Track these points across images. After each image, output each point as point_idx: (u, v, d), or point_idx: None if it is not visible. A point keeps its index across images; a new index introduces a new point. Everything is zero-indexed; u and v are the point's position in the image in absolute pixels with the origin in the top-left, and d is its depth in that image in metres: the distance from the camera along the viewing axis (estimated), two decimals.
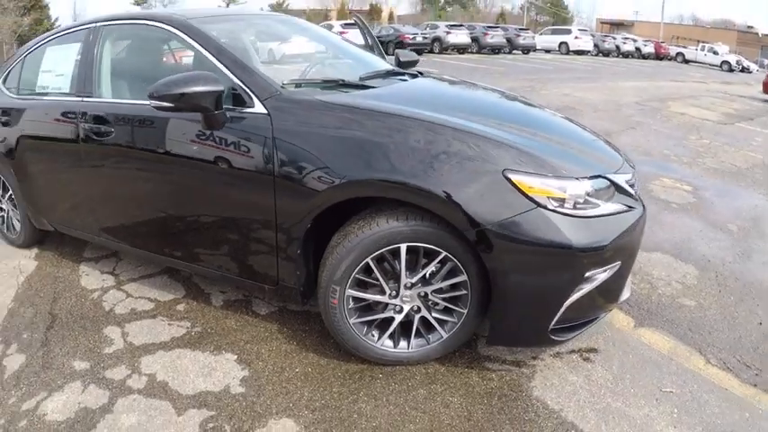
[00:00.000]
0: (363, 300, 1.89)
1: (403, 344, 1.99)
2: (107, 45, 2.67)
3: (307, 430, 1.76)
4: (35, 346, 2.30)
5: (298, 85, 2.16)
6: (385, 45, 22.55)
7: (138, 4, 64.13)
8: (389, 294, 1.87)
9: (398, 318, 1.92)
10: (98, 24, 2.74)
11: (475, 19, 51.44)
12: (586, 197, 1.73)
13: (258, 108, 1.97)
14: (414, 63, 3.25)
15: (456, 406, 1.86)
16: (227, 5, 66.39)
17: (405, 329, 1.98)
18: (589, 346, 2.24)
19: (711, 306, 2.66)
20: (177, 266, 2.59)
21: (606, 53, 32.29)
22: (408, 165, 1.70)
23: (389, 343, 1.98)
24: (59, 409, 1.89)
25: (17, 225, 3.40)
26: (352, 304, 1.89)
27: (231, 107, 2.02)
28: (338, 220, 1.92)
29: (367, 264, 1.80)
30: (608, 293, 1.92)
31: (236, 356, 2.15)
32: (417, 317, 1.92)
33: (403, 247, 1.75)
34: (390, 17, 56.40)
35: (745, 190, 4.82)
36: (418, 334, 1.98)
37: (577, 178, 1.74)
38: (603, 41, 32.95)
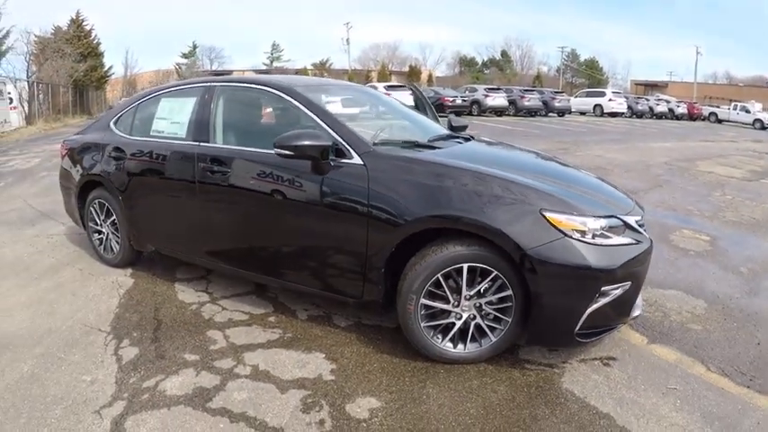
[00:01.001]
0: (432, 308, 2.49)
1: (460, 346, 2.56)
2: (222, 101, 3.35)
3: (386, 405, 2.30)
4: (146, 342, 2.85)
5: (384, 143, 2.86)
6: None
7: (186, 57, 68.76)
8: (452, 304, 2.47)
9: (458, 324, 2.51)
10: (213, 84, 3.47)
11: (512, 81, 53.01)
12: (602, 231, 2.35)
13: (356, 160, 2.66)
14: (464, 128, 4.00)
15: (502, 392, 2.40)
16: (271, 63, 70.70)
17: (461, 334, 2.55)
18: (608, 354, 2.76)
19: (715, 330, 3.14)
20: (273, 284, 3.25)
21: (640, 115, 32.63)
22: (472, 205, 2.36)
23: (449, 345, 2.55)
24: (177, 387, 2.41)
25: (116, 246, 3.98)
26: (423, 311, 2.49)
27: (334, 158, 2.69)
28: (412, 245, 2.52)
29: (437, 279, 2.42)
30: (621, 307, 2.47)
31: (324, 355, 2.73)
32: (473, 323, 2.50)
33: (465, 266, 2.38)
34: (429, 79, 58.69)
35: (759, 239, 5.24)
36: (473, 338, 2.54)
37: (595, 216, 2.37)
38: (637, 103, 33.44)
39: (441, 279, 2.42)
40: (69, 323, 3.09)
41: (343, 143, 2.71)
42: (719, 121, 34.65)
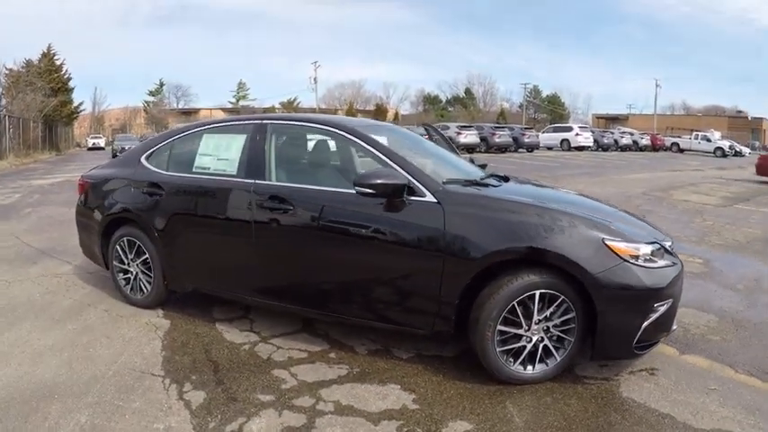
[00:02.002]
0: (506, 333, 2.89)
1: (529, 367, 2.95)
2: (278, 139, 3.55)
3: (478, 426, 2.60)
4: (210, 384, 2.90)
5: (450, 182, 3.17)
6: None
7: (153, 95, 69.26)
8: (524, 328, 2.89)
9: (528, 346, 2.93)
10: (265, 122, 3.64)
11: (476, 118, 55.26)
12: (650, 255, 2.87)
13: (430, 198, 2.97)
14: (484, 166, 4.37)
15: (575, 405, 2.80)
16: (237, 102, 71.76)
17: (530, 356, 2.95)
18: (651, 366, 3.22)
19: (732, 339, 3.66)
20: (331, 320, 3.41)
21: (605, 148, 34.32)
22: (547, 237, 2.79)
23: (520, 367, 2.94)
24: (265, 428, 2.47)
25: (146, 286, 3.97)
26: (498, 336, 2.88)
27: (407, 196, 2.97)
28: (483, 277, 2.86)
29: (512, 306, 2.83)
30: (666, 321, 2.97)
31: (399, 386, 2.93)
32: (541, 345, 2.92)
33: (537, 293, 2.81)
34: (396, 117, 60.78)
35: (747, 259, 5.90)
36: (540, 359, 2.94)
37: (645, 243, 2.91)
38: (603, 137, 35.26)
39: (516, 305, 2.83)
40: (114, 368, 3.11)
41: (415, 182, 3.02)
42: (681, 151, 36.80)
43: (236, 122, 3.97)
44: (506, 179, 3.78)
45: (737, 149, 35.80)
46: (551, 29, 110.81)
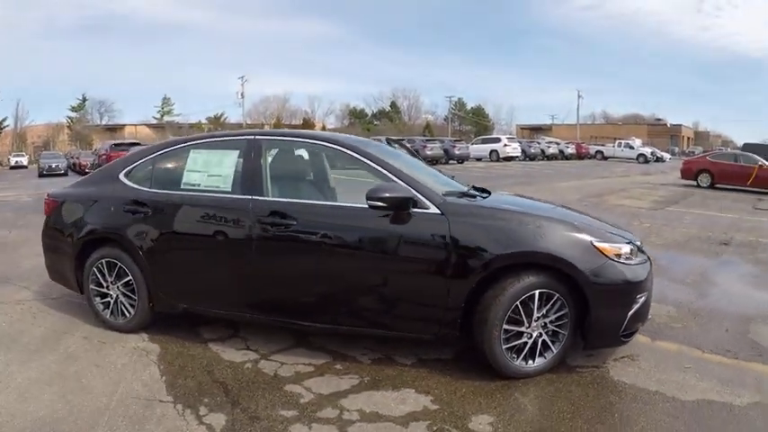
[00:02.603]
0: (510, 331, 3.19)
1: (530, 361, 3.27)
2: (274, 155, 3.68)
3: (499, 417, 2.84)
4: (226, 406, 2.94)
5: (447, 194, 3.42)
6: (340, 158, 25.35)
7: (76, 111, 66.21)
8: (525, 326, 3.22)
9: (529, 342, 3.25)
10: (258, 137, 3.73)
11: (402, 131, 56.89)
12: (629, 254, 3.29)
13: (433, 210, 3.21)
14: (453, 178, 4.52)
15: (576, 391, 3.13)
16: (162, 117, 69.93)
17: (530, 351, 3.26)
18: (630, 353, 3.64)
19: (692, 326, 4.21)
20: (332, 331, 3.53)
21: (533, 157, 36.31)
22: (545, 242, 3.13)
23: (523, 362, 3.24)
24: None
25: (128, 310, 3.89)
26: (504, 335, 3.19)
27: (411, 209, 3.18)
28: (486, 281, 3.14)
29: (516, 305, 3.15)
30: (644, 312, 3.40)
31: (413, 390, 3.13)
32: (540, 340, 3.26)
33: (536, 292, 3.15)
34: (323, 130, 61.59)
35: (688, 256, 6.64)
36: (539, 353, 3.27)
37: (624, 243, 3.33)
38: (530, 147, 37.23)
39: (518, 305, 3.15)
40: (117, 398, 3.04)
41: (419, 195, 3.25)
42: (605, 158, 39.61)
43: (225, 138, 4.09)
44: (488, 191, 4.08)
45: (659, 155, 39.14)
46: (474, 42, 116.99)
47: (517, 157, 34.80)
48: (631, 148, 39.21)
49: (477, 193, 3.80)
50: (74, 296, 4.52)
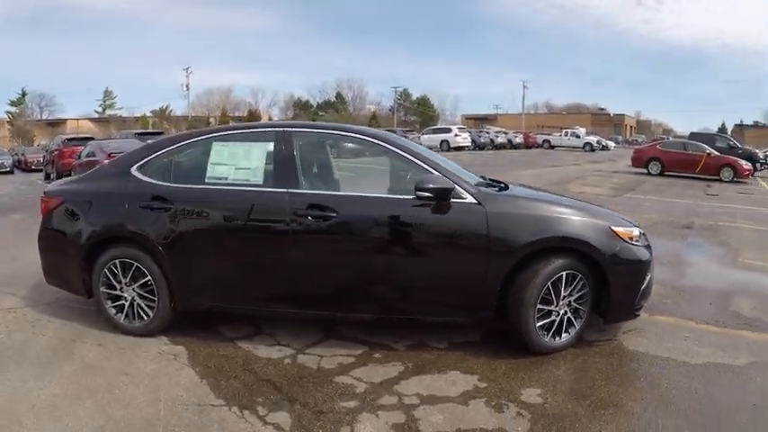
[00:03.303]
0: (542, 310, 3.61)
1: (557, 338, 3.71)
2: (305, 147, 3.83)
3: (544, 389, 3.22)
4: (283, 403, 3.02)
5: (478, 185, 3.78)
6: None
7: (15, 105, 63.46)
8: (554, 305, 3.66)
9: (557, 320, 3.71)
10: (288, 129, 3.88)
11: (348, 121, 57.23)
12: (638, 237, 3.82)
13: (470, 199, 3.55)
14: None
15: (601, 362, 3.60)
16: (104, 111, 67.75)
17: (557, 329, 3.69)
18: (635, 327, 4.16)
19: (681, 301, 4.85)
20: (366, 319, 3.77)
21: (482, 147, 37.52)
22: (572, 227, 3.59)
23: (551, 339, 3.68)
24: (375, 428, 2.77)
25: (146, 312, 3.85)
26: (537, 314, 3.63)
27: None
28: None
29: (547, 286, 3.58)
30: (649, 289, 3.94)
31: (458, 371, 3.41)
32: (565, 318, 3.73)
33: (564, 273, 3.59)
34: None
35: (658, 240, 7.35)
36: (565, 330, 3.72)
37: (634, 227, 3.86)
38: (479, 136, 38.31)
39: (549, 286, 3.57)
40: (163, 406, 2.99)
41: (457, 186, 3.56)
42: (552, 147, 41.41)
43: (250, 130, 4.20)
44: (505, 183, 4.42)
45: (604, 144, 41.39)
46: (418, 33, 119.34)
47: (467, 146, 35.74)
48: (578, 137, 41.24)
49: (498, 185, 4.20)
50: (71, 300, 4.46)
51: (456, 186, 3.59)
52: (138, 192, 3.85)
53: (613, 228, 3.72)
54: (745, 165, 18.67)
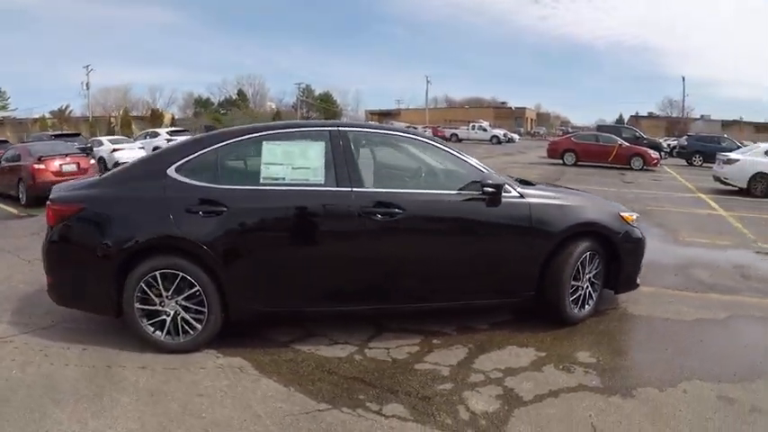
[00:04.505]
0: (573, 286, 4.49)
1: (582, 309, 4.61)
2: (364, 147, 4.15)
3: (591, 351, 4.01)
4: (388, 396, 3.30)
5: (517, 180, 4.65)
6: None
7: None
8: (580, 280, 4.57)
9: (581, 294, 4.64)
10: (342, 129, 4.11)
11: (250, 119, 57.03)
12: (635, 219, 4.88)
13: (514, 194, 4.24)
14: None
15: (620, 325, 4.61)
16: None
17: (582, 301, 4.62)
18: (626, 297, 5.21)
19: (651, 275, 5.98)
20: (430, 309, 4.30)
21: None
22: (594, 214, 4.51)
23: (578, 310, 4.59)
24: (487, 402, 3.24)
25: (193, 325, 3.78)
26: (570, 290, 4.52)
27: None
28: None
29: (576, 266, 4.47)
30: (642, 263, 4.99)
31: (515, 346, 4.08)
32: (587, 292, 4.69)
33: (588, 254, 4.51)
34: (172, 122, 60.70)
35: None
36: (586, 302, 4.68)
37: (634, 212, 4.90)
38: None
39: (579, 265, 4.47)
40: (269, 420, 3.06)
41: (506, 182, 4.27)
42: (460, 140, 43.59)
43: (303, 129, 4.38)
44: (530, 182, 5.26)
45: (510, 137, 44.23)
46: (319, 29, 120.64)
47: None
48: (485, 130, 43.94)
49: (526, 182, 5.05)
50: (71, 321, 4.35)
51: (506, 183, 4.33)
52: (181, 195, 3.77)
53: (621, 213, 4.74)
54: (654, 154, 21.41)
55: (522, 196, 4.31)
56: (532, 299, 4.48)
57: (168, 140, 23.96)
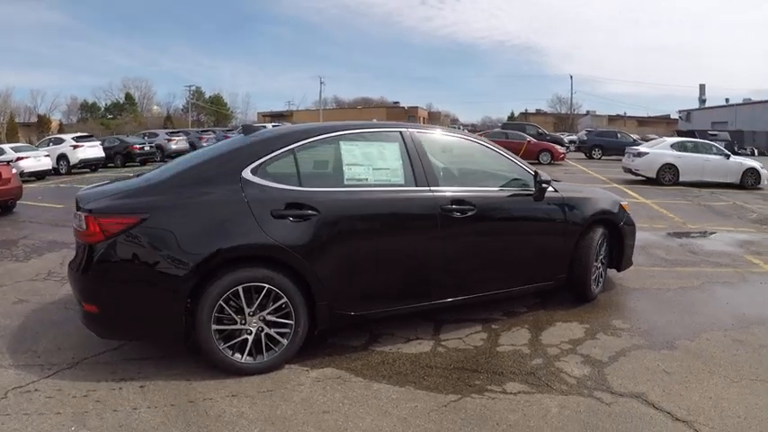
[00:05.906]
0: (598, 267, 5.56)
1: (598, 286, 5.67)
2: (427, 148, 4.35)
3: (621, 318, 5.08)
4: (499, 378, 3.68)
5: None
6: (113, 155, 25.82)
7: None
8: (597, 261, 5.60)
9: (597, 273, 5.69)
10: (410, 130, 4.37)
11: (143, 123, 55.44)
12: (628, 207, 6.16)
13: (551, 188, 4.97)
14: None
15: (625, 297, 5.79)
16: None
17: (597, 280, 5.76)
18: (613, 275, 6.52)
19: (641, 254, 7.33)
20: (486, 299, 4.80)
21: None
22: (606, 205, 5.61)
23: (596, 288, 5.63)
24: (578, 367, 3.87)
25: (277, 341, 3.61)
26: (595, 271, 5.55)
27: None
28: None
29: (597, 249, 5.54)
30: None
31: (561, 322, 4.84)
32: (598, 272, 5.76)
33: (603, 238, 5.60)
34: (60, 128, 57.92)
35: None
36: (599, 280, 5.79)
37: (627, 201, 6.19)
38: None
39: (599, 249, 5.54)
40: (419, 420, 3.14)
41: (549, 181, 4.99)
42: None
43: (377, 130, 4.42)
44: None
45: None
46: (206, 31, 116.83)
47: None
48: None
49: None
50: (97, 353, 3.90)
51: (549, 180, 5.21)
52: (265, 198, 3.57)
53: (621, 202, 5.96)
54: (560, 149, 23.72)
55: (557, 191, 5.18)
56: (564, 281, 5.40)
57: (75, 147, 23.25)
